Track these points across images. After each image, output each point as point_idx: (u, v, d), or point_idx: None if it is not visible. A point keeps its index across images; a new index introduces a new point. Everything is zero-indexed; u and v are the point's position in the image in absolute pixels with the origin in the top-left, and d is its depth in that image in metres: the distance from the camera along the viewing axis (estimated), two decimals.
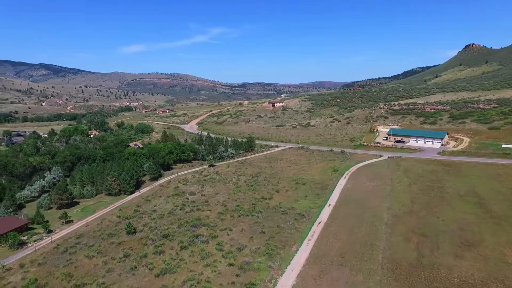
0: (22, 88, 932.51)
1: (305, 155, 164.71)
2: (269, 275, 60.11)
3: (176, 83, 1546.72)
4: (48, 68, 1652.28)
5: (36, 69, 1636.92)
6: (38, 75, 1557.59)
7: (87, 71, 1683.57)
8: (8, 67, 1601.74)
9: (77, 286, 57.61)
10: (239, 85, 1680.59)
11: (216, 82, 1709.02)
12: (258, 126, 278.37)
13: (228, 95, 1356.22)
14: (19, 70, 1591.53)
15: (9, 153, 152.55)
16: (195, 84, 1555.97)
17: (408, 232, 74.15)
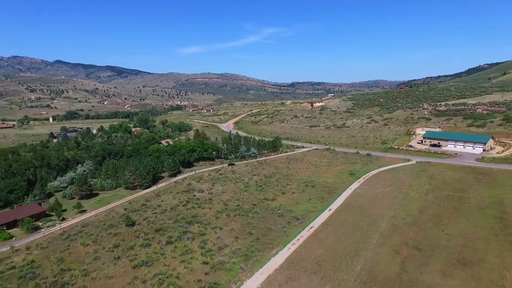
0: (89, 88, 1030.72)
1: (328, 157, 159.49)
2: (237, 276, 59.97)
3: (226, 82, 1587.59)
4: (113, 69, 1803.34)
5: (103, 70, 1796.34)
6: (104, 76, 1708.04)
7: (146, 72, 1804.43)
8: (80, 70, 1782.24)
9: (63, 270, 62.98)
10: (288, 84, 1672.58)
11: (265, 81, 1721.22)
12: (291, 126, 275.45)
13: (276, 94, 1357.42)
14: (89, 72, 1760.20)
15: (55, 147, 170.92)
16: (244, 84, 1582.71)
17: (401, 244, 68.52)
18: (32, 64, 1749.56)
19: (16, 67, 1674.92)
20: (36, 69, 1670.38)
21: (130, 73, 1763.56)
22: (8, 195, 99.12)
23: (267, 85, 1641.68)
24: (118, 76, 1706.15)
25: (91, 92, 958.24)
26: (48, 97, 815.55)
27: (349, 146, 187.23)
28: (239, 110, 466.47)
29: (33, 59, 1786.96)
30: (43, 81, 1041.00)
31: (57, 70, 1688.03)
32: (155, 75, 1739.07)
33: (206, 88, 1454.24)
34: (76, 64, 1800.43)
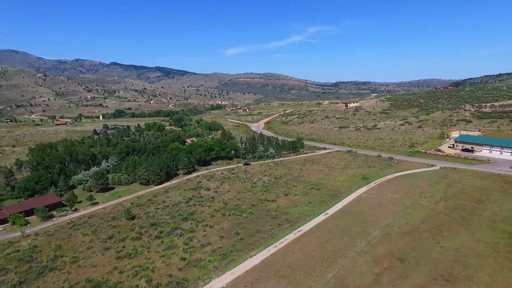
0: (139, 88, 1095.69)
1: (346, 160, 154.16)
2: (208, 274, 61.16)
3: (268, 82, 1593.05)
4: (162, 70, 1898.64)
5: (153, 71, 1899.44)
6: (153, 77, 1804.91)
7: (192, 72, 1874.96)
8: (132, 71, 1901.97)
9: (56, 256, 68.93)
10: (331, 84, 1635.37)
11: (307, 81, 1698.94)
12: (320, 127, 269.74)
13: (318, 94, 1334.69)
14: (140, 73, 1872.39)
15: (89, 143, 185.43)
16: (286, 84, 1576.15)
17: (386, 254, 64.79)
18: (91, 66, 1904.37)
19: (78, 69, 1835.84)
20: (94, 70, 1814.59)
21: (177, 73, 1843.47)
22: (34, 185, 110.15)
23: (310, 84, 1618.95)
24: (166, 76, 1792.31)
25: (139, 92, 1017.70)
26: (101, 96, 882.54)
27: (374, 148, 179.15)
28: (274, 110, 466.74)
29: (92, 62, 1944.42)
30: (98, 81, 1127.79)
31: (112, 71, 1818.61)
32: (200, 75, 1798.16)
33: (248, 88, 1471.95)
34: (129, 66, 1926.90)
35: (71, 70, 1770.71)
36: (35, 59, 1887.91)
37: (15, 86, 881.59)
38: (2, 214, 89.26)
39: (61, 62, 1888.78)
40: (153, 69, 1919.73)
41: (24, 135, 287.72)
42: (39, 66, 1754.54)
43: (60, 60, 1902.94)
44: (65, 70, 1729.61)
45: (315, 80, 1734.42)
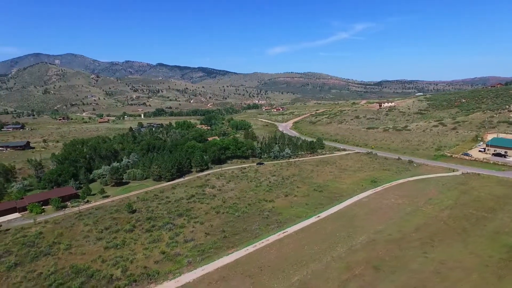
0: (181, 88, 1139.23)
1: (363, 162, 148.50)
2: (180, 268, 63.32)
3: (308, 82, 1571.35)
4: (204, 70, 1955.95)
5: (196, 71, 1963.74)
6: (196, 77, 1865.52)
7: (232, 72, 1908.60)
8: (176, 71, 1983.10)
9: (54, 243, 75.37)
10: (375, 83, 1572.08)
11: (349, 80, 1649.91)
12: (348, 128, 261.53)
13: (360, 93, 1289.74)
14: (184, 73, 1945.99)
15: (118, 139, 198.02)
16: (327, 83, 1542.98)
17: (362, 261, 62.19)
18: (139, 67, 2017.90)
19: (128, 70, 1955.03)
20: (142, 71, 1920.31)
21: (218, 73, 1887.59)
22: (57, 177, 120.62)
23: (351, 84, 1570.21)
24: (208, 76, 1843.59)
25: (181, 92, 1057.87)
26: (146, 95, 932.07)
27: (397, 151, 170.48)
28: (307, 109, 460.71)
29: (140, 63, 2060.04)
30: (144, 82, 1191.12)
31: (158, 71, 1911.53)
32: (241, 75, 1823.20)
33: (287, 88, 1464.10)
34: (173, 66, 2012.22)
35: (121, 71, 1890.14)
36: (91, 61, 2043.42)
37: (71, 86, 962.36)
38: (22, 203, 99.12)
39: (113, 63, 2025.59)
40: (196, 69, 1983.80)
41: (69, 131, 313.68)
42: (94, 68, 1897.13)
43: (113, 62, 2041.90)
44: (116, 71, 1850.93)
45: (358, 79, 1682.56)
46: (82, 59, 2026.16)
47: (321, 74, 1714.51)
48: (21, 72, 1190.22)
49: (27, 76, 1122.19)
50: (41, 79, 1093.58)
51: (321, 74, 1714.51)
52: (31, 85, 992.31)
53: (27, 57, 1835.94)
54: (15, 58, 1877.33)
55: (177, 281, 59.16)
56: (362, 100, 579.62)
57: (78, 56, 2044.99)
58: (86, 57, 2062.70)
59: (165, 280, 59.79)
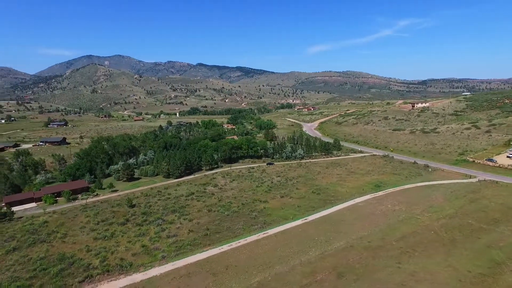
0: (217, 87, 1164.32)
1: (376, 165, 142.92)
2: (153, 262, 66.30)
3: (347, 81, 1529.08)
4: (242, 70, 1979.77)
5: (234, 71, 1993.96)
6: (234, 76, 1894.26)
7: (270, 72, 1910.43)
8: (215, 71, 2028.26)
9: (53, 232, 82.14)
10: (419, 82, 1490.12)
11: (390, 79, 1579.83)
12: (373, 129, 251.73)
13: (401, 93, 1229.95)
14: (222, 73, 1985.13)
15: (141, 137, 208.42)
16: (366, 82, 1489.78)
17: (329, 267, 60.83)
18: (180, 67, 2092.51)
19: (169, 70, 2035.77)
20: (183, 71, 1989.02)
21: (256, 73, 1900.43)
22: (75, 171, 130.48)
23: (393, 83, 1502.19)
24: (245, 75, 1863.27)
25: (217, 91, 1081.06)
26: (183, 95, 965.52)
27: (416, 154, 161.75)
28: (338, 109, 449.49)
29: (181, 63, 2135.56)
30: (183, 81, 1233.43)
31: (198, 71, 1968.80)
32: (278, 74, 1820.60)
33: (324, 87, 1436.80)
34: (212, 66, 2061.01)
35: (163, 71, 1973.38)
36: (137, 62, 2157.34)
37: (116, 86, 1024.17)
38: (39, 194, 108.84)
39: (156, 64, 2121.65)
40: (234, 69, 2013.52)
41: (106, 129, 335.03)
42: (139, 68, 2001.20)
43: (156, 63, 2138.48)
44: (159, 71, 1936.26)
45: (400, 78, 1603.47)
46: (128, 60, 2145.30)
47: (361, 73, 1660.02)
48: (74, 73, 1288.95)
49: (79, 77, 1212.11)
50: (91, 79, 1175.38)
51: (361, 73, 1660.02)
52: (81, 85, 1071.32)
53: (80, 59, 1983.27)
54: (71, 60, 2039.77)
55: (145, 274, 62.13)
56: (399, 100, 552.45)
57: (125, 57, 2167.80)
58: (132, 58, 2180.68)
59: (135, 272, 63.01)
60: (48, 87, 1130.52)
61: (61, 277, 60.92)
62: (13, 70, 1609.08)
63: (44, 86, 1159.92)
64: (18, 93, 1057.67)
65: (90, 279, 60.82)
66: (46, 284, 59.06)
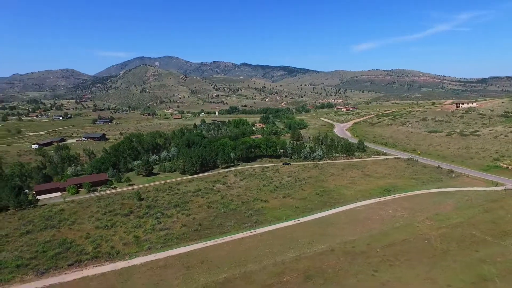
0: (259, 86, 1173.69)
1: (395, 168, 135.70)
2: (138, 252, 70.37)
3: (395, 79, 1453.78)
4: (285, 69, 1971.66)
5: (277, 70, 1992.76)
6: (277, 76, 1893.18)
7: (313, 71, 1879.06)
8: (259, 70, 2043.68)
9: (65, 219, 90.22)
10: (478, 80, 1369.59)
11: (444, 77, 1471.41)
12: (406, 130, 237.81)
13: (456, 92, 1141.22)
14: (265, 72, 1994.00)
15: (171, 135, 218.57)
16: (417, 80, 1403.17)
17: (299, 269, 59.96)
18: (225, 67, 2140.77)
19: (214, 70, 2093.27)
20: (227, 71, 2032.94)
21: (299, 72, 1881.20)
22: (101, 165, 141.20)
23: (447, 81, 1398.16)
24: (288, 75, 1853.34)
25: (258, 90, 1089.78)
26: (225, 94, 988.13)
27: (445, 158, 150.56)
28: (378, 109, 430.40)
29: (226, 63, 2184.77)
30: (226, 81, 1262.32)
31: (241, 71, 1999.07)
32: (321, 73, 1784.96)
33: (370, 86, 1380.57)
34: (256, 66, 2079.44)
35: (209, 71, 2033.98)
36: (184, 62, 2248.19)
37: (163, 85, 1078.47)
38: (64, 184, 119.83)
39: (202, 64, 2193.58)
40: (277, 68, 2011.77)
41: (145, 126, 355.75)
42: (186, 68, 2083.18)
43: (202, 63, 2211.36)
44: (204, 71, 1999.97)
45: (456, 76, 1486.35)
46: (177, 60, 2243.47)
47: (411, 71, 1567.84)
48: (127, 73, 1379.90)
49: (131, 77, 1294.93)
50: (141, 79, 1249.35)
51: (411, 71, 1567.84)
52: (132, 85, 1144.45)
53: (134, 60, 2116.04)
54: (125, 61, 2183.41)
55: (128, 262, 66.25)
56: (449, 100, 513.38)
57: (174, 58, 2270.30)
58: (180, 58, 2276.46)
59: (120, 260, 67.45)
60: (104, 87, 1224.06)
61: (55, 260, 67.25)
62: (75, 72, 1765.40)
63: (101, 86, 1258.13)
64: (79, 93, 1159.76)
65: (79, 263, 66.34)
66: (40, 264, 65.65)
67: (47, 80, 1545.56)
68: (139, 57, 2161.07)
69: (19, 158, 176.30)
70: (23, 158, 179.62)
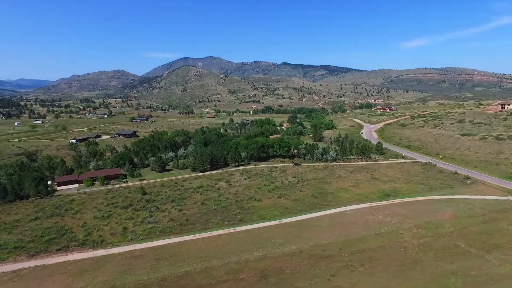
0: (297, 86, 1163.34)
1: (408, 173, 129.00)
2: (121, 241, 75.55)
3: (445, 78, 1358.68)
4: (326, 68, 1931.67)
5: (318, 70, 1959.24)
6: (318, 75, 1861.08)
7: (356, 70, 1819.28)
8: (299, 70, 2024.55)
9: (71, 208, 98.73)
10: None
11: (503, 75, 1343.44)
12: (438, 133, 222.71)
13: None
14: (306, 71, 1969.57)
15: (193, 133, 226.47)
16: (470, 79, 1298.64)
17: (259, 268, 60.67)
18: (265, 67, 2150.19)
19: (255, 69, 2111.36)
20: (268, 70, 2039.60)
21: (340, 71, 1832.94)
22: (119, 161, 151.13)
23: (506, 79, 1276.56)
24: (329, 74, 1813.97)
25: (296, 90, 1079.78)
26: (263, 94, 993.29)
27: (468, 164, 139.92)
28: (416, 110, 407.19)
29: (266, 62, 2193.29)
30: (265, 80, 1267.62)
31: (282, 70, 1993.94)
32: (364, 72, 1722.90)
33: (417, 85, 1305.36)
34: (296, 65, 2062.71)
35: (249, 71, 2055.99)
36: (226, 62, 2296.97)
37: (203, 85, 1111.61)
38: (82, 177, 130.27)
39: (243, 64, 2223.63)
40: (318, 67, 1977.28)
41: (178, 124, 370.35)
42: (227, 68, 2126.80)
43: (243, 63, 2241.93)
44: (245, 71, 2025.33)
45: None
46: (219, 61, 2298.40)
47: (464, 69, 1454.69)
48: (170, 73, 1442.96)
49: (174, 77, 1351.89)
50: (183, 79, 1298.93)
51: (464, 69, 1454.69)
52: (175, 85, 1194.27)
53: (178, 61, 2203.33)
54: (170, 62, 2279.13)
55: (108, 251, 71.48)
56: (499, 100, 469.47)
57: (216, 58, 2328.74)
58: (222, 59, 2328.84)
59: (102, 248, 72.97)
60: (149, 87, 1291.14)
61: (47, 244, 74.51)
62: (125, 72, 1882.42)
63: (146, 86, 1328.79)
64: (126, 92, 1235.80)
65: (66, 249, 72.91)
66: (34, 247, 73.16)
67: (100, 81, 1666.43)
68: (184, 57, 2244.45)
69: (57, 152, 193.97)
70: (60, 152, 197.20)
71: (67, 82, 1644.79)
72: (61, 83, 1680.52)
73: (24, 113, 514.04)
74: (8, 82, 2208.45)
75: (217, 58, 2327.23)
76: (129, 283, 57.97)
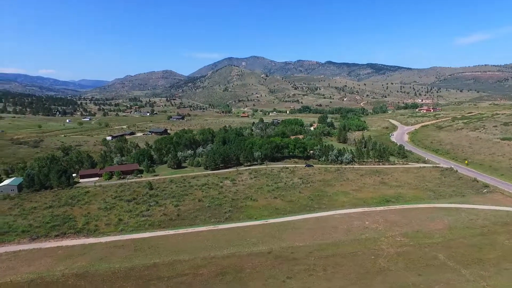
0: (339, 85, 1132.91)
1: (423, 178, 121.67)
2: (111, 232, 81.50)
3: (508, 76, 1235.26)
4: (373, 67, 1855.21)
5: (364, 68, 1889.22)
6: (363, 74, 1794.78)
7: (405, 68, 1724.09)
8: (344, 68, 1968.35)
9: (82, 199, 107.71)
10: None
11: None
12: (476, 137, 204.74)
13: None
14: (351, 70, 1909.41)
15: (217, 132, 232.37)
16: None
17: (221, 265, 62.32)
18: (309, 66, 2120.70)
19: (298, 69, 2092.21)
20: (311, 69, 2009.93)
21: (388, 69, 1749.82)
22: (139, 157, 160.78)
23: None
24: (376, 73, 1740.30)
25: (338, 89, 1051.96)
26: (302, 93, 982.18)
27: (496, 171, 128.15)
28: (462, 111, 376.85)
29: (310, 61, 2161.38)
30: (306, 80, 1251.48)
31: (325, 69, 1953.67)
32: (414, 71, 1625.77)
33: (474, 84, 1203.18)
34: (341, 64, 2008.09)
35: (293, 70, 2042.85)
36: (269, 62, 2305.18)
37: (244, 85, 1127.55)
38: (102, 171, 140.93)
39: (286, 63, 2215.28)
40: (364, 66, 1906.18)
41: (210, 123, 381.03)
42: (270, 68, 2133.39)
43: (286, 62, 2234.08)
44: (288, 70, 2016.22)
45: None
46: (262, 60, 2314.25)
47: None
48: (214, 73, 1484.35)
49: (217, 77, 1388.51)
50: (226, 79, 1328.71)
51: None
52: (217, 84, 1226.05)
53: (222, 61, 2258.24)
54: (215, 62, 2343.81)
55: (97, 239, 77.73)
56: None
57: (259, 57, 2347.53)
58: (265, 58, 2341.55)
59: (94, 237, 79.44)
60: (193, 86, 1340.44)
61: (49, 230, 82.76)
62: (173, 72, 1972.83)
63: (191, 85, 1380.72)
64: (173, 91, 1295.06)
65: (63, 235, 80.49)
66: (37, 232, 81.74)
67: (149, 80, 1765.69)
68: (228, 57, 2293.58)
69: (93, 147, 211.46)
70: (96, 147, 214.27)
71: (120, 82, 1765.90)
72: (116, 83, 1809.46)
73: (77, 111, 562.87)
74: (72, 82, 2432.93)
75: (260, 57, 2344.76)
76: (101, 269, 62.93)
